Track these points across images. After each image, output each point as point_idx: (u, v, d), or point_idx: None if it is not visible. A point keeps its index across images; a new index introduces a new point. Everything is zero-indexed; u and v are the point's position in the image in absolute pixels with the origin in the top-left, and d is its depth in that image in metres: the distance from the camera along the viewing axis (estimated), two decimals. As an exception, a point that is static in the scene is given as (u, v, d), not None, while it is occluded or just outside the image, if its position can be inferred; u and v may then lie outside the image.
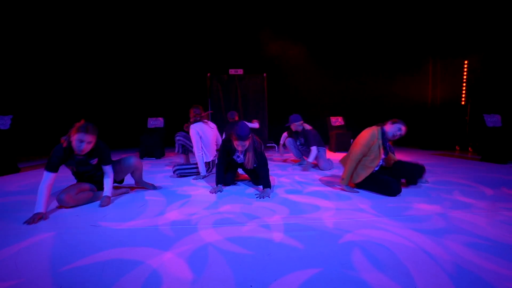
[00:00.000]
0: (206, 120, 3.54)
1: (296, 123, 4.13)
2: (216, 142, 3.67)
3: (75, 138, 2.18)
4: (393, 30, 7.69)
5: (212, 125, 3.64)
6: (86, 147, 2.22)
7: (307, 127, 4.16)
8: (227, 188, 2.92)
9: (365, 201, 2.36)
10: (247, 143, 2.64)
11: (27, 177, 3.60)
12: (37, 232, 1.73)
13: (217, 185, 2.80)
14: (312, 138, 4.00)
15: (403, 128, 2.70)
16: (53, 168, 2.18)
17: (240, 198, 2.53)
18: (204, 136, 3.43)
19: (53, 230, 1.76)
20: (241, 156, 2.88)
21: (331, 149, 6.44)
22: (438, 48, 7.09)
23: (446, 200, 2.34)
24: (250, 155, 2.71)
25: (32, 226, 1.82)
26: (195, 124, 3.41)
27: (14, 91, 6.36)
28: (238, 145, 2.64)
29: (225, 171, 2.94)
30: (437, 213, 2.00)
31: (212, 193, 2.69)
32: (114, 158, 2.63)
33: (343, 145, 6.24)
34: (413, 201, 2.34)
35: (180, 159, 4.17)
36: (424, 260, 1.33)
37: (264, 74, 7.09)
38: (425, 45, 7.27)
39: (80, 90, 7.25)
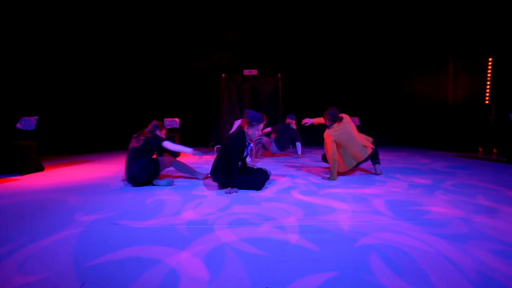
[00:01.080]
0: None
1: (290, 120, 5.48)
2: None
3: (165, 132, 3.49)
4: (410, 29, 7.48)
5: None
6: None
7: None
8: (242, 189, 2.92)
9: (382, 203, 2.31)
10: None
11: (51, 176, 3.76)
12: (61, 229, 1.80)
13: (232, 187, 2.80)
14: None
15: None
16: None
17: (255, 199, 2.54)
18: None
19: (75, 227, 1.83)
20: (249, 148, 3.04)
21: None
22: (459, 46, 6.82)
23: (469, 204, 2.25)
24: (253, 144, 2.98)
25: (55, 224, 1.90)
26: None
27: (37, 92, 6.66)
28: (259, 129, 2.88)
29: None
30: (459, 218, 1.93)
31: (228, 193, 2.71)
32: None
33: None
34: (432, 204, 2.27)
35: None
36: (445, 266, 1.28)
37: (279, 75, 7.07)
38: (445, 43, 7.02)
39: (100, 92, 7.49)
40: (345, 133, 3.35)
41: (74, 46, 7.06)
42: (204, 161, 5.11)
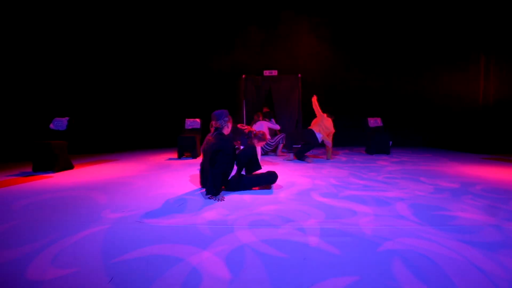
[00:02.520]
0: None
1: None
2: None
3: None
4: (436, 21, 7.15)
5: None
6: None
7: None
8: (260, 190, 2.94)
9: (406, 207, 2.24)
10: None
11: (80, 174, 3.96)
12: (89, 225, 1.90)
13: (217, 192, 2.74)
14: None
15: None
16: None
17: (274, 200, 2.54)
18: None
19: (103, 224, 1.92)
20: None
21: (369, 151, 6.17)
22: (491, 40, 6.42)
23: (501, 210, 2.13)
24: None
25: (84, 220, 2.01)
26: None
27: (67, 95, 7.03)
28: (231, 122, 2.93)
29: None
30: (490, 225, 1.83)
31: (219, 200, 2.55)
32: (154, 156, 2.91)
33: (381, 147, 5.96)
34: (460, 209, 2.17)
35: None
36: (475, 276, 1.23)
37: (299, 75, 7.02)
38: (474, 37, 6.63)
39: (123, 94, 7.78)
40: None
41: (98, 51, 7.39)
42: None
